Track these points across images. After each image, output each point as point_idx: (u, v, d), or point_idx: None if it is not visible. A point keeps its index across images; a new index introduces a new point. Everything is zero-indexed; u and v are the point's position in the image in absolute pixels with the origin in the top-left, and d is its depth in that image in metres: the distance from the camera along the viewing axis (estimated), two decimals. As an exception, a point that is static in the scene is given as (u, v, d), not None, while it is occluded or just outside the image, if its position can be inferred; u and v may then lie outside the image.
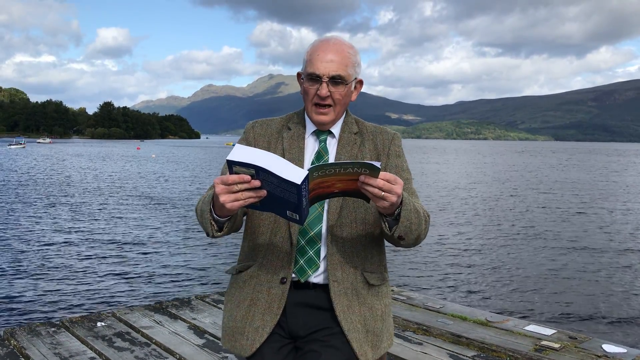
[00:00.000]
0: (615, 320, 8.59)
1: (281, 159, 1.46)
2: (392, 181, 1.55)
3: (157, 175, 39.05)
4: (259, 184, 1.48)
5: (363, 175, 1.51)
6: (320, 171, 1.48)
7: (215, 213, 1.67)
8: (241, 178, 1.47)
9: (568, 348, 3.86)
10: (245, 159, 1.44)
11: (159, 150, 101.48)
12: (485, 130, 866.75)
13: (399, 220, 1.67)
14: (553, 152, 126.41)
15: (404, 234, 1.71)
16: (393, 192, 1.56)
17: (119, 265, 11.51)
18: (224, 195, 1.52)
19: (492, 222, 18.58)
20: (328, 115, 1.87)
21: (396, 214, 1.67)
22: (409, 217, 1.68)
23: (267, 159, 1.45)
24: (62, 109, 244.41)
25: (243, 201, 1.52)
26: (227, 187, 1.50)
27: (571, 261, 12.66)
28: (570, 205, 23.52)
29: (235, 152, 1.46)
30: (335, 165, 1.48)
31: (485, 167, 56.59)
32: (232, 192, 1.51)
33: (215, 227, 1.71)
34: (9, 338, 3.93)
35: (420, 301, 5.07)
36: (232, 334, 1.91)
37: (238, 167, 1.46)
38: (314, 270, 1.85)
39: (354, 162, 1.48)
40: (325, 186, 1.55)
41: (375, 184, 1.53)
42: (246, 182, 1.48)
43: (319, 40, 1.88)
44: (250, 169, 1.45)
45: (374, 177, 1.51)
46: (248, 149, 1.47)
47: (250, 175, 1.47)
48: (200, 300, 5.07)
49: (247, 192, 1.50)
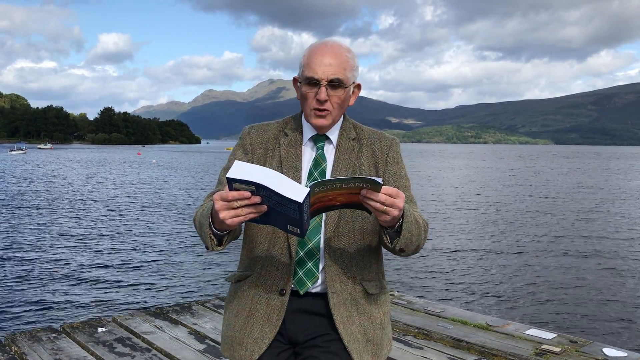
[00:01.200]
0: (616, 324, 8.58)
1: (281, 176, 1.45)
2: (394, 195, 1.54)
3: (157, 181, 39.06)
4: (260, 200, 1.47)
5: (365, 189, 1.50)
6: (322, 186, 1.47)
7: (215, 227, 1.65)
8: (241, 194, 1.46)
9: (569, 352, 3.86)
10: (245, 176, 1.43)
11: (160, 155, 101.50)
12: (485, 134, 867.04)
13: (400, 232, 1.67)
14: (554, 155, 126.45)
15: (405, 246, 1.70)
16: (395, 206, 1.55)
17: (119, 270, 11.51)
18: (223, 212, 1.50)
19: (493, 227, 18.57)
20: (327, 119, 1.85)
21: (397, 226, 1.67)
22: (409, 229, 1.67)
23: (267, 176, 1.43)
24: (62, 114, 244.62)
25: (243, 217, 1.50)
26: (227, 203, 1.49)
27: (572, 265, 12.65)
28: (571, 210, 23.52)
29: (235, 169, 1.45)
30: (337, 181, 1.47)
31: (487, 172, 56.58)
32: (232, 209, 1.49)
33: (214, 241, 1.69)
34: (10, 344, 3.93)
35: (420, 306, 5.06)
36: (230, 344, 1.90)
37: (238, 184, 1.45)
38: (313, 282, 1.84)
39: (356, 177, 1.47)
40: (327, 200, 1.54)
41: (378, 199, 1.52)
42: (246, 199, 1.47)
43: (316, 44, 1.85)
44: (251, 185, 1.44)
45: (376, 191, 1.51)
46: (247, 165, 1.46)
47: (250, 191, 1.46)
48: (201, 305, 5.06)
49: (247, 208, 1.49)
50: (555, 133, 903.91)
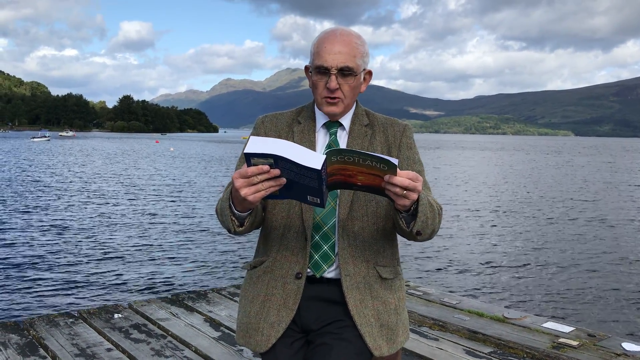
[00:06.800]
0: (636, 318, 8.47)
1: (297, 146, 1.46)
2: (414, 179, 1.53)
3: (175, 169, 39.32)
4: (279, 172, 1.48)
5: (388, 175, 1.50)
6: (339, 156, 1.47)
7: (236, 209, 1.67)
8: (260, 169, 1.47)
9: (586, 346, 3.81)
10: (262, 149, 1.45)
11: (177, 144, 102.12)
12: (504, 125, 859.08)
13: (416, 215, 1.65)
14: (585, 147, 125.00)
15: (421, 229, 1.69)
16: (416, 190, 1.55)
17: (135, 258, 11.61)
18: (244, 189, 1.52)
19: (511, 218, 18.42)
20: (338, 106, 1.84)
21: (412, 209, 1.65)
22: (425, 212, 1.66)
23: (284, 147, 1.45)
24: (82, 102, 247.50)
25: (264, 191, 1.52)
26: (247, 179, 1.50)
27: (591, 258, 12.51)
28: (590, 202, 23.23)
29: (252, 144, 1.47)
30: (354, 152, 1.46)
31: (506, 163, 56.12)
32: (252, 185, 1.51)
33: (236, 223, 1.71)
34: (28, 328, 3.98)
35: (436, 297, 5.03)
36: (246, 330, 1.90)
37: (256, 158, 1.47)
38: (329, 265, 1.84)
39: (372, 154, 1.46)
40: (346, 174, 1.53)
41: (401, 183, 1.51)
42: (265, 172, 1.48)
43: (325, 32, 1.84)
44: (269, 158, 1.46)
45: (392, 174, 1.50)
46: (263, 139, 1.48)
47: (269, 164, 1.47)
48: (217, 293, 5.08)
49: (267, 182, 1.50)
50: (575, 124, 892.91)
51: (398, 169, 1.50)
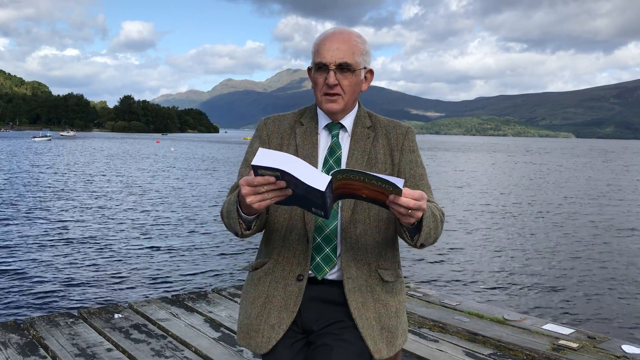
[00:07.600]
0: (636, 321, 8.47)
1: (304, 163, 1.48)
2: (419, 199, 1.54)
3: (176, 169, 39.31)
4: (285, 184, 1.50)
5: (393, 195, 1.51)
6: (344, 174, 1.50)
7: (242, 212, 1.69)
8: (266, 180, 1.49)
9: (586, 348, 3.80)
10: (269, 163, 1.47)
11: (178, 144, 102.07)
12: (505, 127, 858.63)
13: (420, 229, 1.67)
14: (589, 150, 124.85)
15: (425, 241, 1.72)
16: (420, 209, 1.56)
17: (136, 258, 11.62)
18: (250, 197, 1.54)
19: (511, 221, 18.42)
20: (338, 104, 1.84)
21: (415, 222, 1.66)
22: (428, 224, 1.68)
23: (291, 163, 1.47)
24: (83, 102, 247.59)
25: (270, 200, 1.54)
26: (254, 188, 1.52)
27: (590, 260, 12.51)
28: (592, 206, 23.21)
29: (260, 156, 1.48)
30: (360, 173, 1.49)
31: (507, 166, 56.08)
32: (258, 194, 1.53)
33: (244, 226, 1.73)
34: (28, 327, 3.98)
35: (436, 298, 5.03)
36: (247, 331, 1.90)
37: (263, 170, 1.49)
38: (331, 268, 1.84)
39: (378, 176, 1.48)
40: (351, 188, 1.56)
41: (406, 204, 1.52)
42: (272, 184, 1.50)
43: (326, 32, 1.87)
44: (276, 172, 1.48)
45: (397, 194, 1.51)
46: (271, 152, 1.49)
47: (275, 177, 1.49)
48: (217, 293, 5.08)
49: (273, 192, 1.52)
50: (576, 126, 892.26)
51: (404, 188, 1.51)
